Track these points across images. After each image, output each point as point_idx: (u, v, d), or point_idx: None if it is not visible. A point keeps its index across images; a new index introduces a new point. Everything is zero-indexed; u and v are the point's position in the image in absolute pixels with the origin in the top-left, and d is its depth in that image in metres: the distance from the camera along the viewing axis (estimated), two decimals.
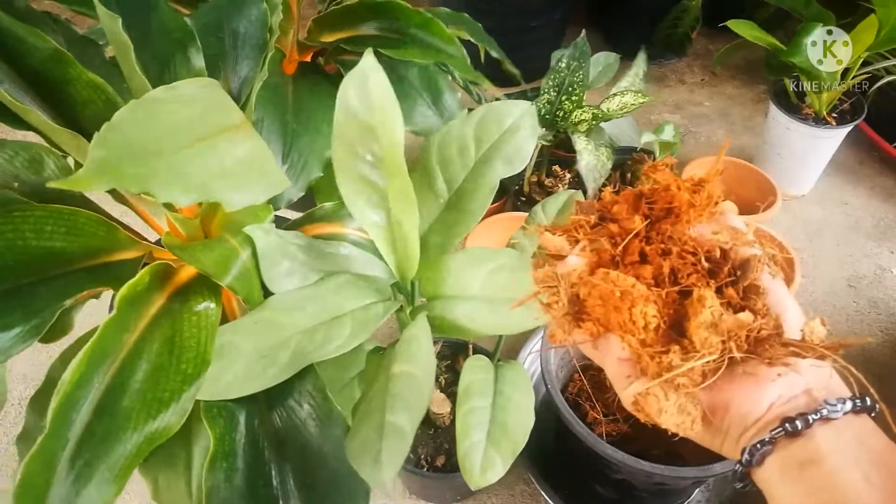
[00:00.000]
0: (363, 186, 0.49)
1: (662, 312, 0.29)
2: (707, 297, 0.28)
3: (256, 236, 0.53)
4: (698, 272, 0.30)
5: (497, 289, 0.51)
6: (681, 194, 0.32)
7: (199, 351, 0.46)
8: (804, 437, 0.27)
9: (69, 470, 0.40)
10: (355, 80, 0.46)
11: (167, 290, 0.51)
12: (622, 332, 0.29)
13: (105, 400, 0.42)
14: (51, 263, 0.48)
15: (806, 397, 0.28)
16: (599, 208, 0.34)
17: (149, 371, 0.45)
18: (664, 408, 0.28)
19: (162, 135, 0.39)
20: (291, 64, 0.90)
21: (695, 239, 0.31)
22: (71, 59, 0.51)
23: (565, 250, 0.33)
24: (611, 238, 0.32)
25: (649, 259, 0.31)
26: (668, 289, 0.30)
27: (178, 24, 0.61)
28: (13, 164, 0.57)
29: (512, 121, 0.56)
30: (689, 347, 0.28)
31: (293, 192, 0.75)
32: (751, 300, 0.30)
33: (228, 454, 0.46)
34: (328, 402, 0.50)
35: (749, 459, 0.28)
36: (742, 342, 0.28)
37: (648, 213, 0.33)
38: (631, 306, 0.29)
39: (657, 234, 0.32)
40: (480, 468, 0.52)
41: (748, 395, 0.29)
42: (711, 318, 0.28)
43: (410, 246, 0.50)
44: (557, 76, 1.11)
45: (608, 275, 0.29)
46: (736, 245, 0.31)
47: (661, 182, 0.33)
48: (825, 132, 1.28)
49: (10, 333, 0.42)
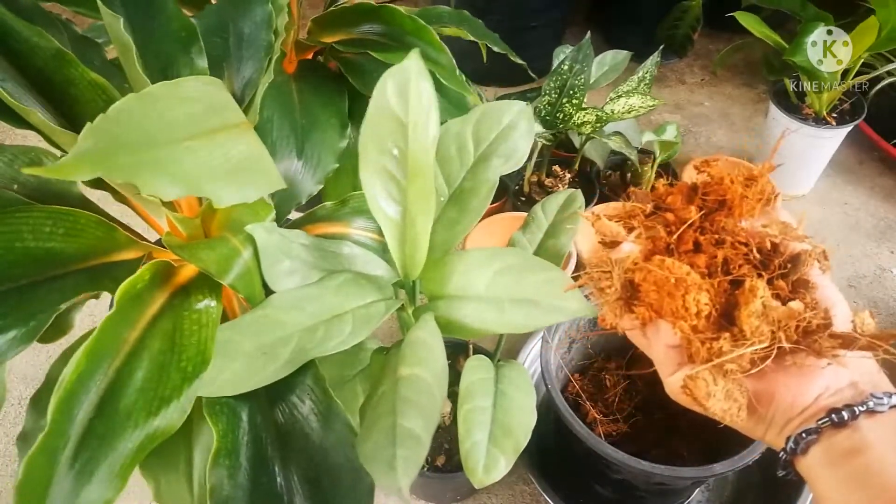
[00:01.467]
0: (384, 179, 0.49)
1: (714, 301, 0.30)
2: (759, 287, 0.29)
3: (258, 235, 0.53)
4: (750, 263, 0.31)
5: (502, 289, 0.51)
6: (734, 187, 0.32)
7: (199, 349, 0.46)
8: (850, 427, 0.27)
9: (70, 467, 0.39)
10: (396, 76, 0.46)
11: (168, 288, 0.51)
12: (674, 318, 0.30)
13: (106, 397, 0.42)
14: (49, 264, 0.48)
15: (852, 390, 0.29)
16: (654, 198, 0.35)
17: (150, 368, 0.44)
18: (713, 392, 0.28)
19: (155, 129, 0.39)
20: (291, 63, 0.90)
21: (747, 231, 0.32)
22: (73, 59, 0.51)
23: (621, 236, 0.34)
24: (666, 227, 0.33)
25: (703, 248, 0.32)
26: (720, 278, 0.30)
27: (183, 25, 0.61)
28: (13, 166, 0.57)
29: (509, 119, 0.57)
30: (739, 335, 0.29)
31: (311, 186, 0.77)
32: (800, 293, 0.30)
33: (231, 451, 0.46)
34: (330, 398, 0.50)
35: (794, 448, 0.29)
36: (791, 332, 0.29)
37: (702, 204, 0.33)
38: (685, 293, 0.29)
39: (710, 224, 0.33)
40: (484, 467, 0.52)
41: (795, 386, 0.29)
42: (762, 308, 0.28)
43: (420, 245, 0.50)
44: (559, 78, 1.10)
45: (664, 262, 0.30)
46: (786, 239, 0.32)
47: (715, 175, 0.33)
48: (825, 132, 1.29)
49: (6, 336, 0.42)
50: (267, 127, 0.78)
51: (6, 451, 1.04)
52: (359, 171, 0.48)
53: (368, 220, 0.65)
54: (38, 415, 0.50)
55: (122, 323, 0.45)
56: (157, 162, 0.38)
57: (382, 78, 0.46)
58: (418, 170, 0.48)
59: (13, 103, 0.44)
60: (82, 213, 0.51)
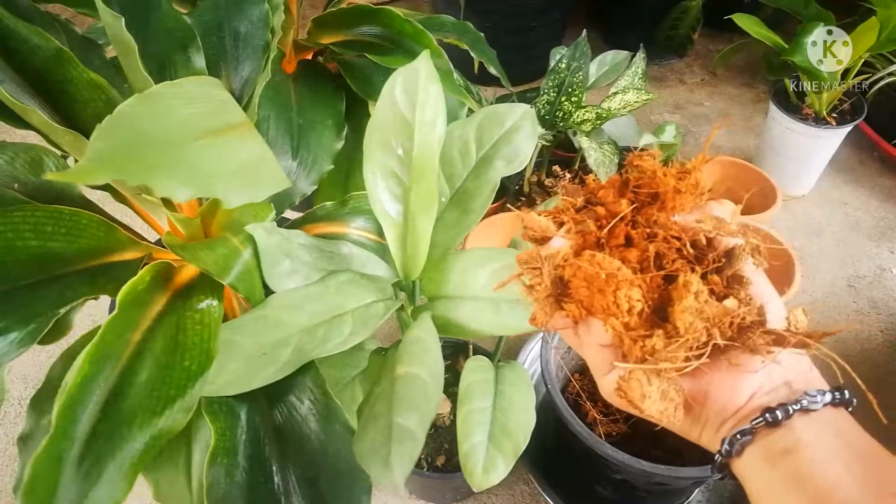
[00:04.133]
0: (388, 178, 0.49)
1: (647, 297, 0.29)
2: (693, 282, 0.28)
3: (258, 235, 0.53)
4: (683, 258, 0.30)
5: (501, 289, 0.51)
6: (667, 180, 0.31)
7: (202, 348, 0.46)
8: (784, 427, 0.27)
9: (77, 469, 0.39)
10: (406, 76, 0.46)
11: (169, 289, 0.51)
12: (605, 315, 0.29)
13: (111, 399, 0.42)
14: (51, 264, 0.48)
15: (786, 388, 0.28)
16: (585, 192, 0.34)
17: (153, 369, 0.45)
18: (647, 393, 0.27)
19: (163, 130, 0.39)
20: (290, 63, 0.90)
21: (680, 225, 0.31)
22: (73, 59, 0.51)
23: (550, 231, 0.33)
24: (596, 221, 0.32)
25: (634, 243, 0.31)
26: (652, 273, 0.29)
27: (179, 24, 0.61)
28: (13, 165, 0.57)
29: (512, 122, 0.57)
30: (673, 332, 0.28)
31: (305, 187, 0.77)
32: (734, 289, 0.29)
33: (229, 450, 0.47)
34: (328, 398, 0.50)
35: (729, 450, 0.28)
36: (726, 329, 0.28)
37: (634, 198, 0.32)
38: (616, 289, 0.28)
39: (643, 218, 0.32)
40: (483, 469, 0.52)
41: (729, 385, 0.29)
42: (696, 304, 0.28)
43: (421, 246, 0.50)
44: (557, 77, 1.11)
45: (594, 257, 0.29)
46: (720, 234, 0.31)
47: (647, 168, 0.32)
48: (825, 132, 1.29)
49: (7, 338, 0.42)
50: (263, 126, 0.78)
51: (6, 451, 1.04)
52: (363, 170, 0.48)
53: (368, 220, 0.65)
54: (38, 415, 0.50)
55: (125, 325, 0.45)
56: (169, 164, 0.38)
57: (391, 77, 0.46)
58: (423, 171, 0.48)
59: (13, 103, 0.44)
60: (84, 213, 0.51)
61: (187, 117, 0.41)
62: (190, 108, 0.42)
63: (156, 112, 0.40)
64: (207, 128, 0.41)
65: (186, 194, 0.38)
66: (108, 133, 0.36)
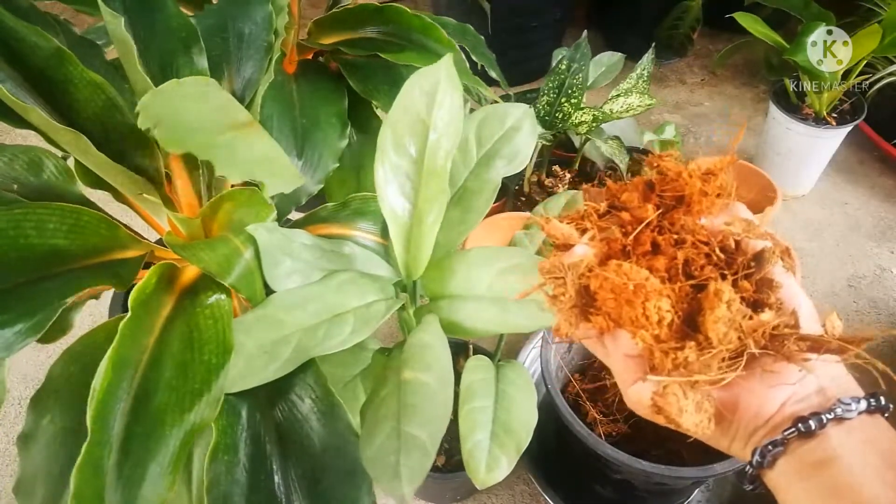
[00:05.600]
0: (399, 175, 0.49)
1: (676, 307, 0.28)
2: (724, 291, 0.27)
3: (259, 235, 0.53)
4: (712, 264, 0.29)
5: (505, 289, 0.51)
6: (693, 182, 0.30)
7: (219, 340, 0.46)
8: (817, 437, 0.26)
9: (119, 473, 0.40)
10: (426, 78, 0.47)
11: (176, 290, 0.51)
12: (634, 327, 0.28)
13: (138, 402, 0.43)
14: (53, 261, 0.48)
15: (819, 396, 0.27)
16: (608, 196, 0.33)
17: (174, 368, 0.45)
18: (684, 407, 0.26)
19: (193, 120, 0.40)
20: (291, 63, 0.90)
21: (708, 229, 0.30)
22: (72, 59, 0.51)
23: (573, 239, 0.32)
24: (621, 227, 0.31)
25: (662, 250, 0.30)
26: (681, 282, 0.29)
27: (183, 25, 0.61)
28: (13, 167, 0.57)
29: (512, 122, 0.57)
30: (705, 343, 0.27)
31: (311, 186, 0.77)
32: (764, 293, 0.28)
33: (230, 447, 0.47)
34: (330, 396, 0.50)
35: (760, 461, 0.27)
36: (759, 337, 0.27)
37: (659, 202, 0.31)
38: (644, 300, 0.27)
39: (669, 223, 0.31)
40: (486, 467, 0.52)
41: (760, 393, 0.28)
42: (729, 314, 0.27)
43: (425, 245, 0.50)
44: (558, 77, 1.11)
45: (621, 267, 0.28)
46: (749, 237, 0.30)
47: (671, 170, 0.31)
48: (825, 132, 1.29)
49: (11, 330, 0.42)
50: (267, 126, 0.77)
51: (6, 451, 1.04)
52: (374, 166, 0.48)
53: (370, 222, 0.65)
54: (38, 415, 0.49)
55: (138, 329, 0.46)
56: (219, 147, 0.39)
57: (412, 77, 0.47)
58: (434, 172, 0.48)
59: (14, 102, 0.44)
60: (85, 211, 0.51)
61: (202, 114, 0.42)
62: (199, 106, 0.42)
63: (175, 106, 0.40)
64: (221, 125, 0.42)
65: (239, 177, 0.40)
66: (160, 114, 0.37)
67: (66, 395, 0.49)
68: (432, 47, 0.81)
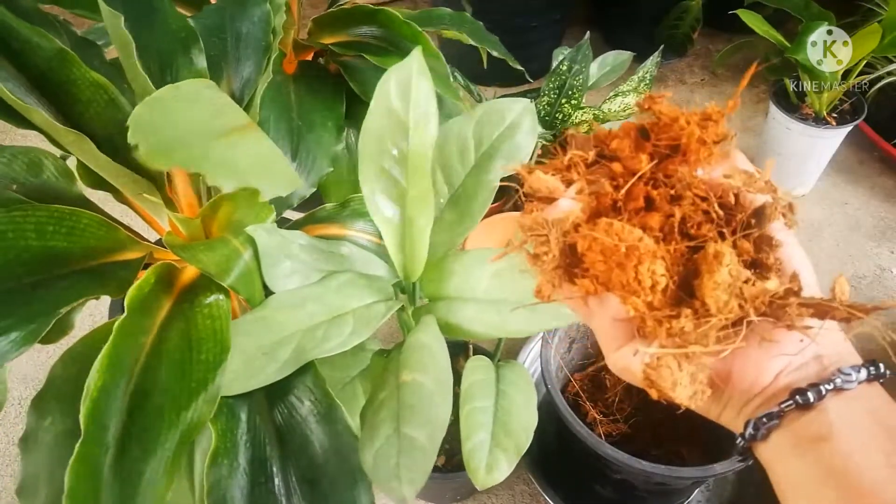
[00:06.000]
0: (383, 180, 0.49)
1: (671, 270, 0.25)
2: (725, 254, 0.24)
3: (258, 236, 0.53)
4: (710, 222, 0.26)
5: (503, 290, 0.51)
6: (690, 128, 0.27)
7: (217, 339, 0.47)
8: (815, 409, 0.24)
9: (116, 473, 0.40)
10: (398, 75, 0.46)
11: (175, 290, 0.51)
12: (625, 292, 0.25)
13: (135, 401, 0.43)
14: (52, 264, 0.48)
15: (816, 364, 0.25)
16: (597, 143, 0.30)
17: (171, 368, 0.45)
18: (678, 380, 0.24)
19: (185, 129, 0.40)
20: (291, 63, 0.90)
21: (707, 182, 0.27)
22: (75, 59, 0.51)
23: (558, 192, 0.29)
24: (612, 179, 0.28)
25: (656, 206, 0.27)
26: (677, 243, 0.26)
27: (182, 25, 0.61)
28: (12, 167, 0.57)
29: (511, 119, 0.56)
30: (702, 311, 0.24)
31: (304, 189, 0.77)
32: (763, 253, 0.26)
33: (230, 450, 0.47)
34: (329, 398, 0.50)
35: (754, 434, 0.25)
36: (759, 304, 0.24)
37: (653, 151, 0.28)
38: (637, 264, 0.25)
39: (664, 176, 0.28)
40: (486, 467, 0.52)
41: (754, 361, 0.26)
42: (729, 279, 0.24)
43: (420, 246, 0.50)
44: (558, 78, 1.11)
45: (611, 226, 0.25)
46: (750, 191, 0.27)
47: (666, 114, 0.28)
48: (825, 132, 1.29)
49: (8, 337, 0.42)
50: (264, 127, 0.77)
51: (6, 451, 1.04)
52: (358, 171, 0.48)
53: (368, 222, 0.65)
54: (38, 416, 0.50)
55: (135, 329, 0.46)
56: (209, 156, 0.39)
57: (384, 76, 0.46)
58: (418, 170, 0.48)
59: (15, 102, 0.44)
60: (85, 213, 0.51)
61: (197, 119, 0.41)
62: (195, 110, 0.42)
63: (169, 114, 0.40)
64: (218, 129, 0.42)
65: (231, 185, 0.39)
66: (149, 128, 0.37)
67: (67, 396, 0.49)
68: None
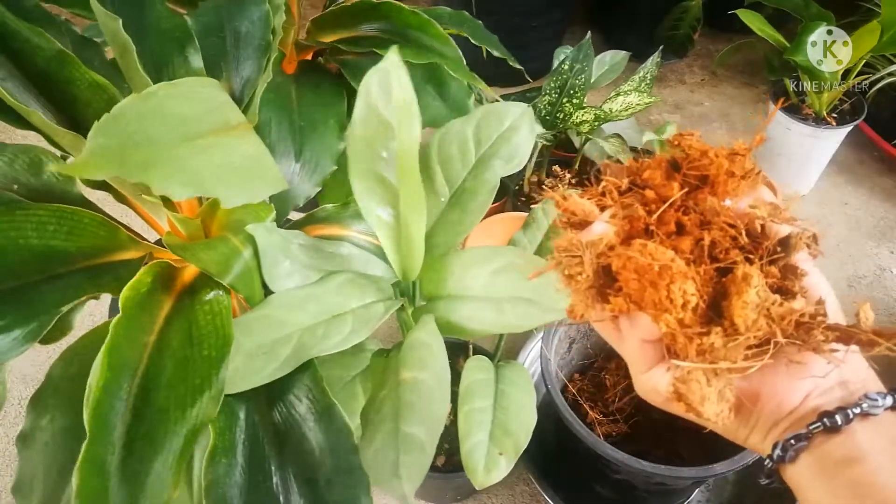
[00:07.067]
0: (375, 183, 0.49)
1: (701, 290, 0.27)
2: (753, 276, 0.26)
3: (258, 235, 0.53)
4: (738, 247, 0.28)
5: (501, 288, 0.51)
6: (719, 161, 0.29)
7: (219, 334, 0.47)
8: (843, 433, 0.25)
9: (123, 473, 0.40)
10: (379, 76, 0.46)
11: (174, 289, 0.51)
12: (657, 310, 0.27)
13: (140, 400, 0.43)
14: (52, 263, 0.48)
15: (842, 389, 0.26)
16: (630, 174, 0.31)
17: (174, 366, 0.45)
18: (707, 395, 0.25)
19: (162, 128, 0.39)
20: (291, 64, 0.90)
21: (734, 211, 0.29)
22: (74, 60, 0.51)
23: (593, 216, 0.30)
24: (644, 205, 0.30)
25: (686, 231, 0.29)
26: (707, 265, 0.27)
27: (176, 24, 0.60)
28: (13, 166, 0.57)
29: (511, 121, 0.57)
30: (731, 330, 0.26)
31: (309, 189, 0.77)
32: (789, 281, 0.28)
33: (228, 449, 0.47)
34: (328, 398, 0.50)
35: (782, 455, 0.26)
36: (787, 326, 0.26)
37: (683, 181, 0.30)
38: (670, 283, 0.26)
39: (694, 203, 0.29)
40: (485, 467, 0.52)
41: (782, 384, 0.27)
42: (758, 299, 0.25)
43: (416, 246, 0.50)
44: (560, 78, 1.11)
45: (646, 247, 0.27)
46: (775, 221, 0.29)
47: (696, 148, 0.30)
48: (825, 132, 1.29)
49: (9, 336, 0.42)
50: (266, 129, 0.77)
51: (6, 451, 1.05)
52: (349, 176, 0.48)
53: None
54: (37, 415, 0.50)
55: (136, 328, 0.46)
56: (167, 162, 0.38)
57: (365, 79, 0.46)
58: (407, 169, 0.48)
59: (14, 103, 0.44)
60: (85, 213, 0.51)
61: (185, 117, 0.41)
62: (187, 107, 0.42)
63: (153, 111, 0.40)
64: (205, 127, 0.41)
65: (185, 193, 0.38)
66: (105, 130, 0.36)
67: (66, 394, 0.49)
68: (428, 43, 0.81)
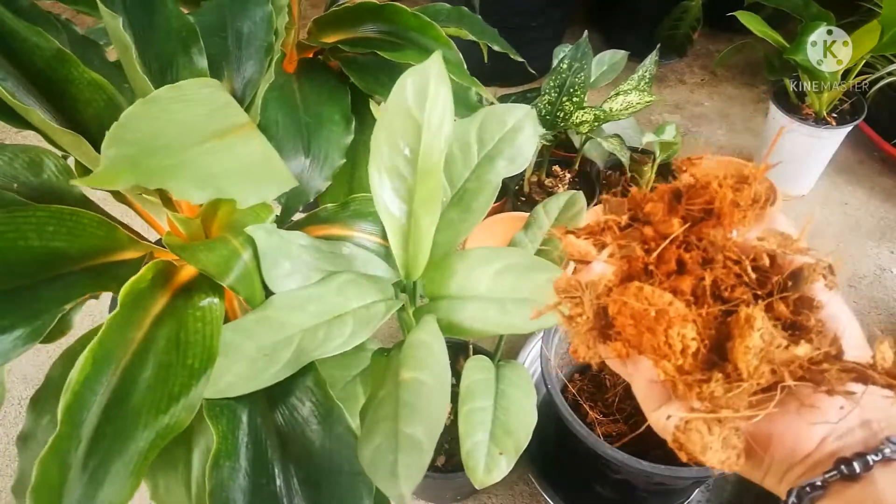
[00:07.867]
0: (393, 177, 0.49)
1: (702, 333, 0.25)
2: (756, 318, 0.24)
3: (258, 236, 0.53)
4: (744, 284, 0.27)
5: (504, 289, 0.51)
6: (723, 192, 0.27)
7: (205, 346, 0.46)
8: (862, 481, 0.23)
9: (83, 469, 0.39)
10: (416, 76, 0.47)
11: (170, 287, 0.51)
12: (656, 356, 0.26)
13: (115, 398, 0.42)
14: (53, 264, 0.48)
15: (863, 431, 0.24)
16: (631, 206, 0.30)
17: (156, 368, 0.45)
18: (709, 444, 0.24)
19: (172, 133, 0.39)
20: (291, 63, 0.90)
21: (740, 245, 0.28)
22: (73, 59, 0.51)
23: (591, 255, 0.30)
24: (643, 243, 0.28)
25: (688, 269, 0.27)
26: (709, 306, 0.26)
27: (183, 24, 0.60)
28: (13, 166, 0.57)
29: (513, 122, 0.57)
30: (734, 375, 0.24)
31: (320, 183, 0.77)
32: (803, 315, 0.26)
33: (231, 452, 0.46)
34: (330, 400, 0.50)
35: (797, 503, 0.25)
36: (796, 369, 0.24)
37: (686, 214, 0.28)
38: (667, 328, 0.25)
39: (696, 238, 0.28)
40: (485, 467, 0.52)
41: (796, 427, 0.25)
42: (761, 343, 0.24)
43: (423, 246, 0.50)
44: (559, 77, 1.10)
45: (641, 290, 0.26)
46: (786, 252, 0.27)
47: (701, 177, 0.28)
48: (825, 132, 1.29)
49: (10, 336, 0.42)
50: (273, 127, 0.78)
51: (6, 451, 1.04)
52: (368, 167, 0.48)
53: (370, 223, 0.65)
54: (37, 415, 0.50)
55: (127, 324, 0.45)
56: (184, 167, 0.38)
57: (402, 77, 0.46)
58: (428, 171, 0.48)
59: (14, 103, 0.44)
60: (85, 213, 0.51)
61: (191, 120, 0.41)
62: (192, 110, 0.42)
63: (159, 116, 0.40)
64: (213, 129, 0.41)
65: (203, 196, 0.38)
66: (118, 140, 0.36)
67: None
68: (429, 45, 0.81)
